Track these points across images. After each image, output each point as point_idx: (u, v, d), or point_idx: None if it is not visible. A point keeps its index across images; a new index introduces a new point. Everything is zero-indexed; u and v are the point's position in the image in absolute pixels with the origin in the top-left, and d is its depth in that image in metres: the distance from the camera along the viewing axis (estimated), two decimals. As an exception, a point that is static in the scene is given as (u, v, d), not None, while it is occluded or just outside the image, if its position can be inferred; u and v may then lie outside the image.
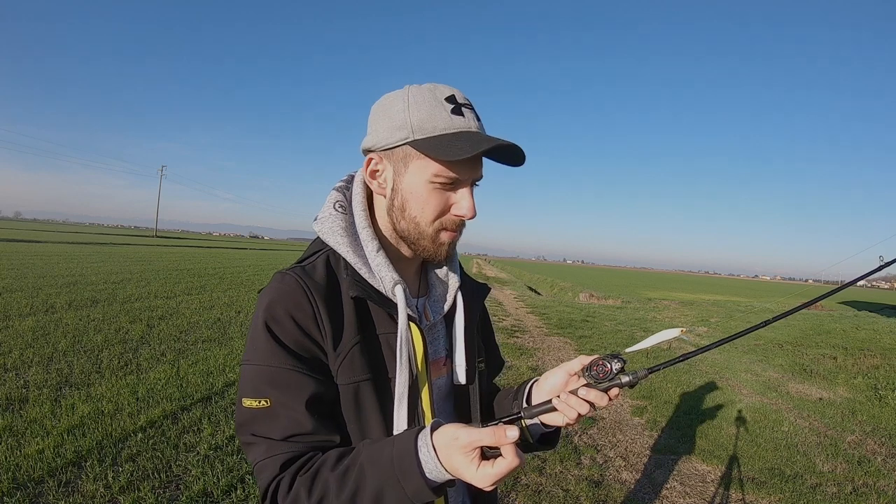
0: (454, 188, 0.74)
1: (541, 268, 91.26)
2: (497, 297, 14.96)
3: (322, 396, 0.71)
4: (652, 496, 3.08)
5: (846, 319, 11.90)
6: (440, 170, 0.72)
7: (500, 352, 1.07)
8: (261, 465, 0.67)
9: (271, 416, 0.68)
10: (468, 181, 0.74)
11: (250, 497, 2.65)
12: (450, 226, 0.76)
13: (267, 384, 0.69)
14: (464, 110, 0.73)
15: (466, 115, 0.73)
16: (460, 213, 0.75)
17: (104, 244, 31.76)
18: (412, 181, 0.74)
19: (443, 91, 0.74)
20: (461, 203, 0.74)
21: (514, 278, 35.56)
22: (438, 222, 0.75)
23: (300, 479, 0.65)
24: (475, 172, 0.75)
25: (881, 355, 6.94)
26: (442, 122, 0.71)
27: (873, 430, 4.45)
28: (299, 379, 0.69)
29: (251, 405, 0.69)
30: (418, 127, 0.71)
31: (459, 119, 0.72)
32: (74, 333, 5.86)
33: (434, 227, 0.75)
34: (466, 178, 0.74)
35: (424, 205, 0.74)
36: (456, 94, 0.74)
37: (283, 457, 0.67)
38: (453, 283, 0.86)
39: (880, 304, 22.42)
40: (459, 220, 0.76)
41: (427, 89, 0.74)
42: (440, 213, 0.75)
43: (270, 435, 0.68)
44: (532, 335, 8.48)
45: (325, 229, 0.79)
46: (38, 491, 2.56)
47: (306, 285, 0.73)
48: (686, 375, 6.08)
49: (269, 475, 0.66)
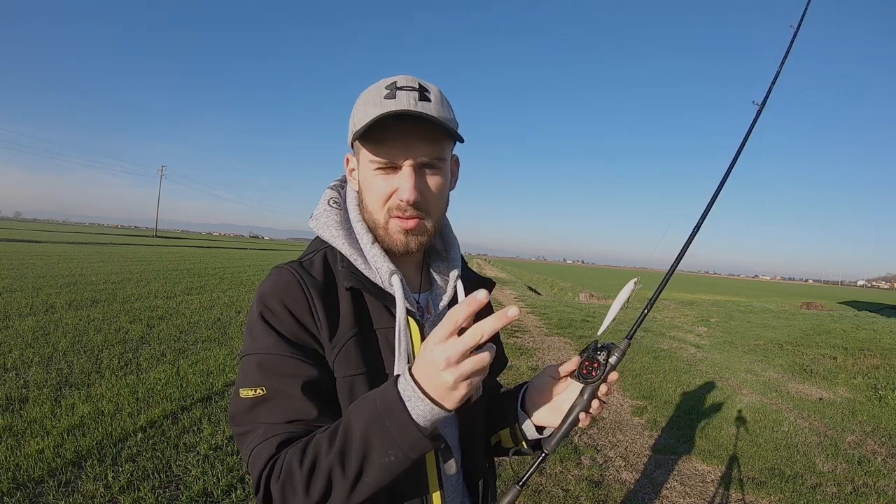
0: (396, 171, 0.73)
1: (541, 268, 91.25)
2: (497, 297, 14.96)
3: (321, 384, 0.70)
4: (652, 496, 3.08)
5: (846, 319, 11.90)
6: (370, 155, 0.72)
7: (503, 350, 1.06)
8: (257, 451, 0.64)
9: (269, 403, 0.67)
10: (406, 162, 0.72)
11: (250, 497, 2.66)
12: (396, 211, 0.74)
13: (265, 372, 0.68)
14: (398, 93, 0.70)
15: (400, 96, 0.70)
16: (400, 196, 0.72)
17: (104, 244, 31.76)
18: (363, 172, 0.76)
19: (389, 80, 0.73)
20: (401, 186, 0.72)
21: (514, 278, 35.55)
22: (386, 208, 0.74)
23: (291, 451, 0.63)
24: (410, 151, 0.71)
25: (881, 355, 6.94)
26: (373, 108, 0.71)
27: (873, 430, 4.45)
28: (297, 366, 0.69)
29: (248, 394, 0.67)
30: (358, 119, 0.73)
31: (390, 102, 0.70)
32: (74, 333, 5.86)
33: (383, 214, 0.75)
34: (402, 158, 0.71)
35: (371, 192, 0.75)
36: (399, 80, 0.72)
37: (280, 437, 0.64)
38: (454, 277, 0.86)
39: (880, 304, 22.42)
40: (403, 203, 0.72)
41: (377, 83, 0.74)
42: (385, 199, 0.74)
43: (269, 420, 0.66)
44: (532, 335, 8.47)
45: (320, 224, 0.80)
46: (38, 491, 2.56)
47: (302, 278, 0.73)
48: (686, 375, 6.08)
49: (265, 458, 0.63)
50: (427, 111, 0.70)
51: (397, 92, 0.70)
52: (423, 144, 0.72)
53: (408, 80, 0.72)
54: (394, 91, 0.71)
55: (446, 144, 0.76)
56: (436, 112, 0.71)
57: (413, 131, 0.71)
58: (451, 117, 0.76)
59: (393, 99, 0.70)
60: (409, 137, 0.71)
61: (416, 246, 0.76)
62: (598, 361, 0.73)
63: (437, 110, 0.72)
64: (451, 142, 0.76)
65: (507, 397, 0.90)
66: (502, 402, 0.91)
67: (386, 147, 0.71)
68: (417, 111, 0.69)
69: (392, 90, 0.71)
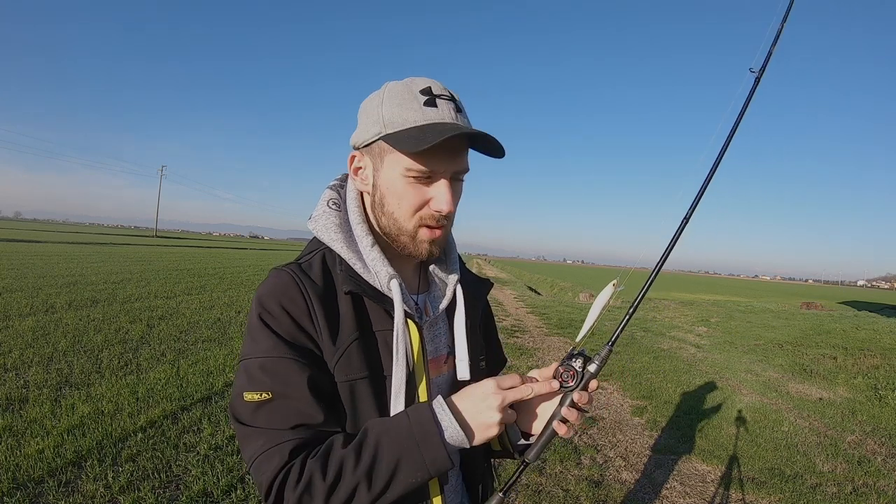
0: (430, 182, 0.72)
1: (541, 268, 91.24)
2: (497, 297, 14.95)
3: (323, 387, 0.70)
4: (652, 496, 3.08)
5: (846, 319, 11.90)
6: (411, 163, 0.70)
7: (502, 349, 1.06)
8: (263, 456, 0.64)
9: (274, 407, 0.67)
10: (445, 174, 0.72)
11: (250, 497, 2.65)
12: (429, 221, 0.74)
13: (268, 376, 0.68)
14: (438, 101, 0.71)
15: (441, 105, 0.71)
16: (437, 208, 0.72)
17: (104, 244, 31.77)
18: (388, 176, 0.73)
19: (418, 84, 0.72)
20: (438, 196, 0.72)
21: (514, 278, 35.55)
22: (417, 217, 0.73)
23: (311, 463, 0.63)
24: (452, 165, 0.72)
25: (881, 355, 6.94)
26: (412, 114, 0.70)
27: (873, 430, 4.45)
28: (300, 368, 0.68)
29: (253, 398, 0.67)
30: (389, 121, 0.71)
31: (432, 111, 0.70)
32: (74, 333, 5.86)
33: (413, 223, 0.74)
34: (441, 170, 0.71)
35: (401, 199, 0.73)
36: (433, 86, 0.72)
37: (290, 444, 0.64)
38: (453, 278, 0.85)
39: (880, 304, 22.42)
40: (438, 214, 0.73)
41: (403, 83, 0.73)
42: (418, 208, 0.73)
43: (275, 425, 0.66)
44: (532, 335, 8.47)
45: (319, 226, 0.79)
46: (38, 491, 2.56)
47: (301, 281, 0.73)
48: (686, 375, 6.08)
49: (277, 464, 0.63)
50: (465, 123, 0.72)
51: (437, 100, 0.71)
52: (463, 158, 0.74)
53: (438, 87, 0.73)
54: (433, 99, 0.71)
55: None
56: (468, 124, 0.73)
57: (461, 145, 0.72)
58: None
59: (434, 108, 0.70)
60: (455, 150, 0.72)
61: (437, 252, 0.78)
62: (573, 369, 0.72)
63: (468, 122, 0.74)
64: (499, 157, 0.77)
65: None
66: None
67: (433, 158, 0.70)
68: (479, 132, 0.70)
69: (431, 97, 0.71)
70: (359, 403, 0.72)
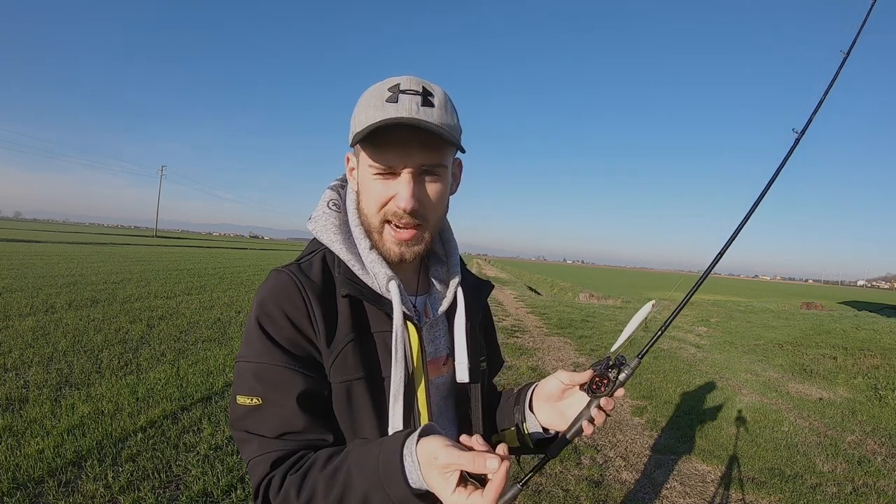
0: (395, 177, 0.71)
1: (541, 268, 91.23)
2: (497, 297, 14.95)
3: (314, 394, 0.70)
4: (652, 496, 3.08)
5: (846, 319, 11.91)
6: (369, 160, 0.71)
7: (500, 351, 1.06)
8: (253, 462, 0.68)
9: (263, 413, 0.69)
10: (406, 169, 0.70)
11: (250, 497, 2.65)
12: (392, 217, 0.73)
13: (260, 382, 0.69)
14: (401, 97, 0.69)
15: (402, 100, 0.68)
16: (396, 203, 0.71)
17: (104, 244, 31.76)
18: (362, 174, 0.75)
19: (392, 82, 0.71)
20: (398, 192, 0.71)
21: (514, 278, 35.55)
22: (381, 213, 0.74)
23: (290, 479, 0.65)
24: (408, 159, 0.70)
25: (881, 355, 6.95)
26: (374, 111, 0.69)
27: (873, 430, 4.45)
28: (291, 376, 0.69)
29: (244, 402, 0.69)
30: (358, 121, 0.72)
31: (392, 106, 0.68)
32: (74, 333, 5.86)
33: (378, 219, 0.74)
34: (398, 165, 0.70)
35: (368, 196, 0.74)
36: (403, 82, 0.70)
37: (274, 454, 0.67)
38: (454, 281, 0.85)
39: (880, 304, 22.43)
40: (399, 210, 0.71)
41: (379, 83, 0.73)
42: (382, 204, 0.73)
43: (262, 432, 0.68)
44: (532, 335, 8.47)
45: (318, 227, 0.79)
46: (38, 491, 2.56)
47: (300, 282, 0.73)
48: (686, 375, 6.08)
49: (261, 473, 0.67)
50: (429, 117, 0.69)
51: (400, 95, 0.69)
52: (423, 151, 0.70)
53: (412, 82, 0.70)
54: (396, 94, 0.69)
55: (448, 150, 0.74)
56: (438, 117, 0.70)
57: (414, 138, 0.69)
58: (455, 123, 0.74)
59: (395, 103, 0.68)
60: (410, 144, 0.69)
61: (410, 256, 0.76)
62: (608, 378, 0.75)
63: (439, 116, 0.70)
64: (453, 147, 0.74)
65: (514, 397, 0.89)
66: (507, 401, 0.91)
67: (385, 153, 0.70)
68: (416, 119, 0.67)
69: (395, 93, 0.69)
70: (356, 405, 0.72)
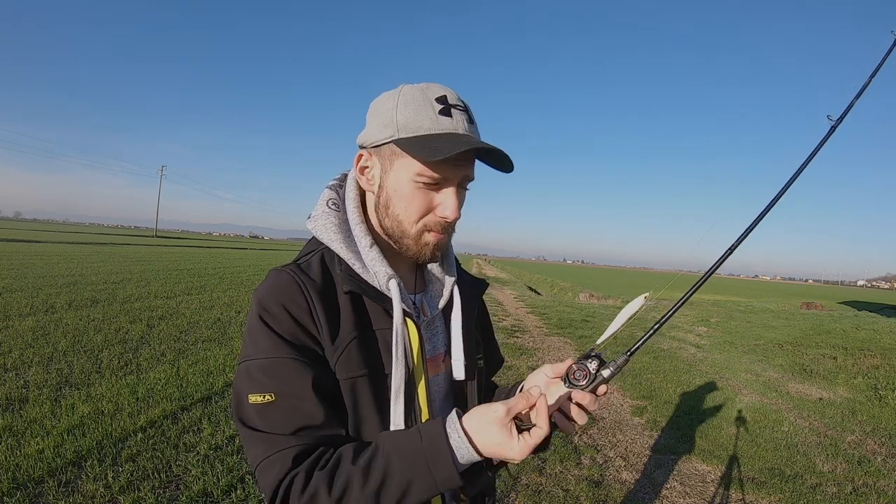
0: (438, 188, 0.73)
1: (541, 268, 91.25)
2: (497, 297, 14.95)
3: (325, 387, 0.70)
4: (652, 496, 3.08)
5: (846, 319, 11.90)
6: (423, 169, 0.71)
7: (499, 349, 1.06)
8: (267, 462, 0.65)
9: (277, 409, 0.67)
10: (453, 182, 0.73)
11: (250, 497, 2.65)
12: (434, 226, 0.75)
13: (271, 377, 0.68)
14: (453, 111, 0.72)
15: (455, 116, 0.72)
16: (443, 215, 0.74)
17: (104, 244, 31.76)
18: (397, 179, 0.74)
19: (434, 91, 0.73)
20: (445, 203, 0.73)
21: (514, 278, 35.56)
22: (422, 222, 0.75)
23: (318, 475, 0.63)
24: (461, 173, 0.73)
25: (881, 355, 6.94)
26: (427, 121, 0.71)
27: (873, 430, 4.45)
28: (302, 369, 0.68)
29: (256, 401, 0.67)
30: (404, 125, 0.71)
31: (446, 120, 0.71)
32: (74, 333, 5.86)
33: (418, 228, 0.75)
34: (451, 178, 0.73)
35: (408, 204, 0.74)
36: (448, 95, 0.73)
37: (293, 450, 0.65)
38: (449, 279, 0.86)
39: (880, 304, 22.43)
40: (443, 221, 0.74)
41: (419, 89, 0.74)
42: (424, 213, 0.74)
43: (277, 430, 0.66)
44: (532, 335, 8.47)
45: (318, 226, 0.79)
46: (38, 491, 2.56)
47: (301, 281, 0.73)
48: (686, 375, 6.08)
49: (280, 471, 0.64)
50: (475, 134, 0.74)
51: (452, 110, 0.72)
52: (471, 168, 0.75)
53: (454, 96, 0.74)
54: (448, 109, 0.72)
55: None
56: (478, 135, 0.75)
57: (469, 155, 0.73)
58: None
59: (449, 118, 0.71)
60: (468, 160, 0.74)
61: (439, 256, 0.80)
62: (586, 369, 0.71)
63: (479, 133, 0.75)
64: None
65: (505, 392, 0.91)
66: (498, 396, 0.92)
67: (444, 166, 0.71)
68: (493, 147, 0.71)
69: (446, 106, 0.72)
70: (359, 401, 0.73)
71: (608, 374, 0.71)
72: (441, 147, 0.68)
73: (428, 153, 0.68)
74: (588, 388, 0.71)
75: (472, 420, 0.64)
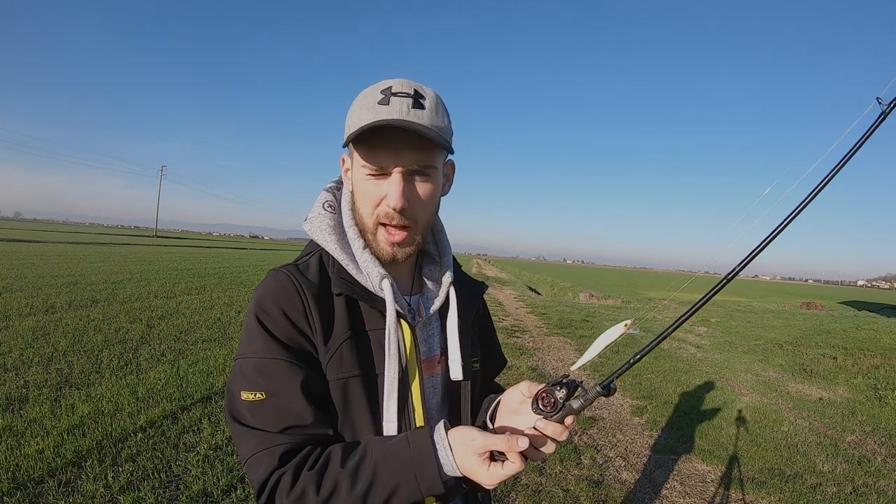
0: (385, 177, 0.73)
1: (541, 268, 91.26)
2: (497, 297, 14.95)
3: (315, 388, 0.71)
4: (652, 496, 3.08)
5: (846, 319, 11.91)
6: (361, 160, 0.73)
7: (502, 351, 1.06)
8: (255, 458, 0.67)
9: (267, 407, 0.69)
10: (396, 170, 0.72)
11: (250, 497, 2.65)
12: (384, 218, 0.74)
13: (262, 377, 0.70)
14: (392, 99, 0.71)
15: (393, 103, 0.70)
16: (388, 203, 0.73)
17: (104, 244, 31.77)
18: (356, 176, 0.77)
19: (384, 85, 0.73)
20: (389, 192, 0.72)
21: (514, 278, 35.54)
22: (375, 214, 0.75)
23: (306, 475, 0.65)
24: (399, 159, 0.71)
25: (881, 355, 6.95)
26: (367, 113, 0.71)
27: (873, 430, 4.45)
28: (294, 370, 0.70)
29: (248, 398, 0.69)
30: (350, 122, 0.74)
31: (383, 108, 0.70)
32: (74, 333, 5.86)
33: (372, 220, 0.76)
34: (389, 165, 0.72)
35: (362, 197, 0.76)
36: (395, 85, 0.72)
37: (280, 448, 0.67)
38: (446, 280, 0.86)
39: (880, 304, 22.44)
40: (391, 210, 0.73)
41: (373, 86, 0.74)
42: (375, 204, 0.74)
43: (266, 427, 0.68)
44: (532, 335, 8.47)
45: (313, 228, 0.81)
46: (38, 491, 2.56)
47: (297, 282, 0.75)
48: (686, 375, 6.08)
49: (267, 468, 0.66)
50: (420, 119, 0.71)
51: (391, 98, 0.71)
52: (413, 152, 0.72)
53: (403, 85, 0.72)
54: (388, 97, 0.71)
55: (438, 152, 0.75)
56: (429, 120, 0.72)
57: (403, 139, 0.71)
58: (445, 125, 0.75)
59: (386, 105, 0.70)
60: (400, 145, 0.71)
61: (402, 257, 0.78)
62: (554, 398, 0.67)
63: (430, 118, 0.72)
64: (444, 149, 0.76)
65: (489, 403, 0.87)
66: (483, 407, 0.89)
67: (376, 154, 0.72)
68: (407, 121, 0.69)
69: (386, 96, 0.71)
70: (351, 401, 0.74)
71: (578, 405, 0.67)
72: (359, 134, 0.69)
73: (354, 142, 0.71)
74: (554, 418, 0.67)
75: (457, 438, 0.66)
